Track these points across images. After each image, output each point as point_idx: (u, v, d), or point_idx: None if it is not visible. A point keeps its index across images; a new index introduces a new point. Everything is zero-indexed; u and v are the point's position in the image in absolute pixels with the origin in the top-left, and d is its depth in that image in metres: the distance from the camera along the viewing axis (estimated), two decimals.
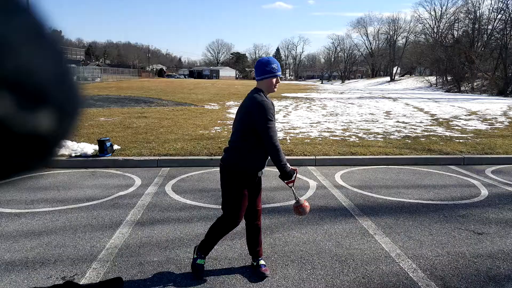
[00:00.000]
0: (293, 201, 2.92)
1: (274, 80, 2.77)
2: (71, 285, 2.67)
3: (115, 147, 6.88)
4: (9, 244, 3.40)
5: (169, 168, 6.23)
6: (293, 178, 2.80)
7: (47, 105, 0.35)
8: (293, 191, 2.88)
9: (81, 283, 2.76)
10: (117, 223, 3.92)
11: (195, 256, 2.96)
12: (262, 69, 2.76)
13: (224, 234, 2.92)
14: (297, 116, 12.88)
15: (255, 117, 2.66)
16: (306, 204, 2.84)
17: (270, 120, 2.66)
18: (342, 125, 10.58)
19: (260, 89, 2.77)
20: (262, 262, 2.99)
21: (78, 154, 6.51)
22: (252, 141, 2.73)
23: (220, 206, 4.35)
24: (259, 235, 3.04)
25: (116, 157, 6.42)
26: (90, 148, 6.69)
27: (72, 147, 6.69)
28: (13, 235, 3.60)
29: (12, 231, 3.69)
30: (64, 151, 6.55)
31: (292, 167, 2.79)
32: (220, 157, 6.33)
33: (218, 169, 3.00)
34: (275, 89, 2.82)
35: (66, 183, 5.34)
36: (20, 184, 5.20)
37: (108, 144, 6.47)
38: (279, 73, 2.79)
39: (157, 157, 6.48)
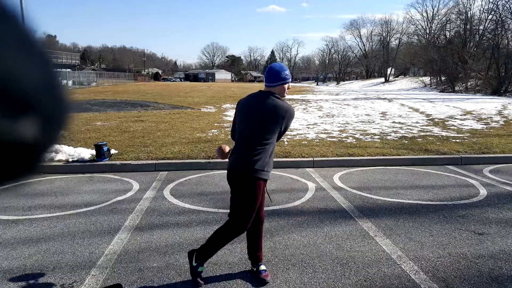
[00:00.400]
0: (294, 203, 2.90)
1: (286, 86, 2.83)
2: None
3: (112, 151, 6.83)
4: (7, 251, 3.35)
5: (167, 172, 6.20)
6: None
7: (32, 113, 0.34)
8: None
9: None
10: (116, 228, 3.88)
11: (194, 264, 2.88)
12: (277, 76, 2.79)
13: (230, 241, 2.87)
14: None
15: (288, 123, 2.79)
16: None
17: None
18: (338, 126, 10.60)
19: (275, 93, 2.80)
20: (262, 267, 2.97)
21: (75, 159, 6.45)
22: (274, 144, 2.80)
23: (219, 210, 4.36)
24: (260, 240, 3.02)
25: (113, 162, 6.38)
26: (87, 153, 6.64)
27: (69, 152, 6.63)
28: (11, 242, 3.55)
29: (9, 238, 3.64)
30: (61, 156, 6.50)
31: None
32: (218, 160, 6.35)
33: (217, 172, 3.00)
34: (286, 95, 2.87)
35: (63, 189, 5.29)
36: (17, 190, 5.15)
37: (105, 148, 6.43)
38: (290, 78, 2.86)
39: (154, 161, 6.44)
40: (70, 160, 6.43)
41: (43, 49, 0.37)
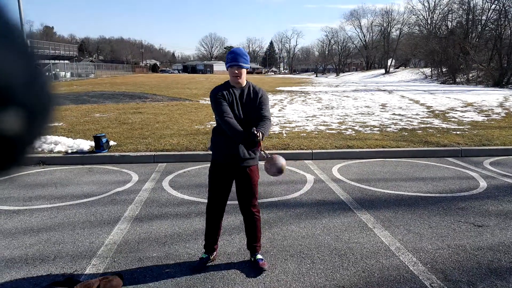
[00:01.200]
0: (293, 195, 2.89)
1: (232, 70, 2.75)
2: (72, 281, 2.65)
3: (111, 143, 6.82)
4: (8, 241, 3.37)
5: (165, 163, 6.20)
6: (259, 142, 2.58)
7: (15, 106, 0.34)
8: (261, 152, 2.67)
9: (81, 279, 2.74)
10: (116, 219, 3.89)
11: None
12: (226, 60, 2.84)
13: (207, 220, 3.03)
14: (292, 110, 12.85)
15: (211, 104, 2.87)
16: (280, 160, 2.65)
17: (217, 104, 2.77)
18: (338, 118, 10.58)
19: (228, 80, 2.87)
20: (259, 256, 2.98)
21: (74, 150, 6.45)
22: (215, 127, 2.94)
23: None
24: (256, 232, 3.01)
25: (112, 153, 6.37)
26: (86, 144, 6.64)
27: (68, 144, 6.63)
28: (12, 232, 3.56)
29: (11, 228, 3.65)
30: (60, 148, 6.49)
31: (253, 131, 2.58)
32: None
33: None
34: (238, 80, 2.78)
35: (63, 180, 5.29)
36: (17, 181, 5.15)
37: (104, 140, 6.42)
38: (237, 63, 2.71)
39: (153, 153, 6.43)
40: (70, 151, 6.42)
41: (26, 42, 0.37)
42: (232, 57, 2.73)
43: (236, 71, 2.74)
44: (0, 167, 0.36)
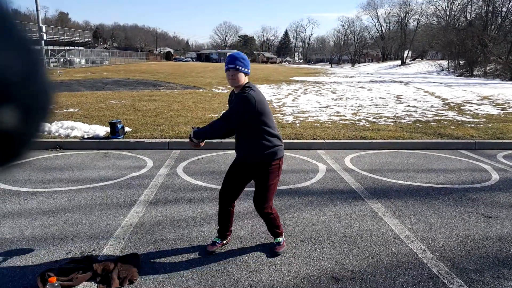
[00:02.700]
0: (305, 183, 2.93)
1: (227, 73, 2.89)
2: (90, 260, 2.78)
3: (126, 129, 6.96)
4: (29, 221, 3.52)
5: (179, 150, 6.31)
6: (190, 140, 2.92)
7: (11, 102, 0.33)
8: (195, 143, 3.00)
9: (99, 258, 2.86)
10: (132, 202, 4.01)
11: None
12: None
13: (219, 206, 3.07)
14: (306, 100, 12.81)
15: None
16: None
17: None
18: (352, 109, 10.52)
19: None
20: (278, 240, 3.06)
21: (91, 135, 6.61)
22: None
23: None
24: (273, 225, 3.01)
25: (127, 139, 6.51)
26: (102, 130, 6.79)
27: (84, 129, 6.79)
28: (32, 212, 3.72)
29: (30, 209, 3.81)
30: (76, 133, 6.66)
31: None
32: (230, 140, 6.41)
33: (229, 152, 3.15)
34: (229, 82, 2.89)
35: (80, 164, 5.45)
36: (35, 165, 5.34)
37: (119, 126, 6.55)
38: (228, 65, 2.83)
39: (167, 140, 6.55)
40: (86, 136, 6.59)
41: (26, 38, 0.36)
42: (227, 60, 2.83)
43: (228, 74, 2.85)
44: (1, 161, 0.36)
